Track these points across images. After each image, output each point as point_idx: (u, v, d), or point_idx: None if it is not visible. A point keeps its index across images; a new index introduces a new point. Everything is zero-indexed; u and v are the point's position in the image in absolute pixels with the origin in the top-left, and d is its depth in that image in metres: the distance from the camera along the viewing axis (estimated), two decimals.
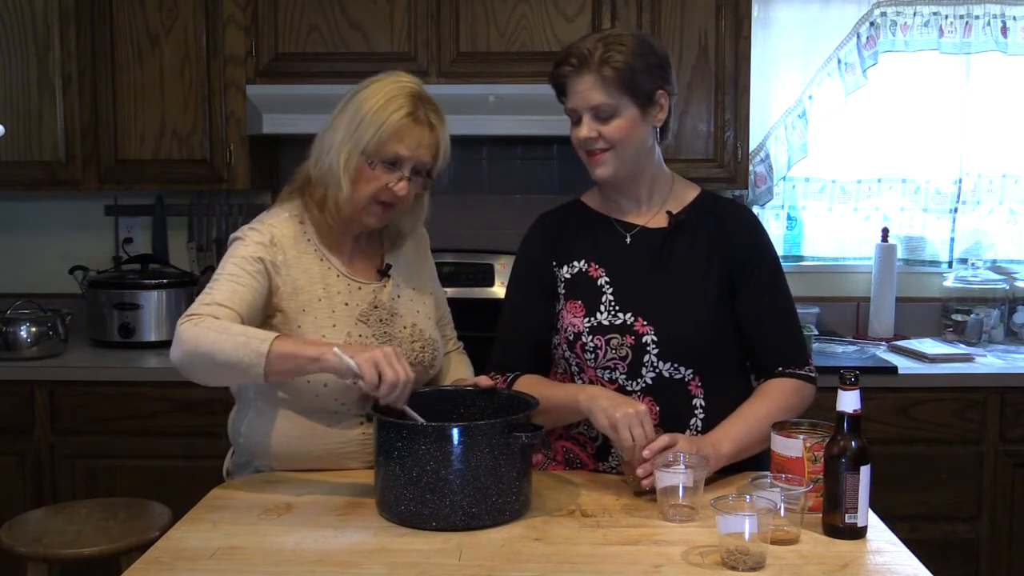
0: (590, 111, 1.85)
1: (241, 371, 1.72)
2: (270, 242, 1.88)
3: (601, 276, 1.93)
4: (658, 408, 1.86)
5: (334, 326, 1.89)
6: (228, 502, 1.77)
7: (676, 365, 1.87)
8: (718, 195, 2.04)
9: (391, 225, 1.99)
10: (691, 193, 1.99)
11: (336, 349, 1.67)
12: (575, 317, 1.91)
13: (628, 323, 1.88)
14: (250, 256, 1.86)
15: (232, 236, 1.93)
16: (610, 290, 1.91)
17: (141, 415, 3.01)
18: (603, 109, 1.83)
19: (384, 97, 1.83)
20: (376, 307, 1.94)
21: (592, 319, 1.89)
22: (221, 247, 3.57)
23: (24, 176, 3.26)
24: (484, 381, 1.86)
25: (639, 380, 1.87)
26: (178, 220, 3.60)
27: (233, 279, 1.83)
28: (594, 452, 1.93)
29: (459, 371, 2.10)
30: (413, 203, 1.94)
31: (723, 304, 1.91)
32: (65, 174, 3.25)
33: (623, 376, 1.87)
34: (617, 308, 1.89)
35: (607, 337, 1.88)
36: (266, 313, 1.88)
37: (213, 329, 1.73)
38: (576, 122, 1.88)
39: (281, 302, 1.88)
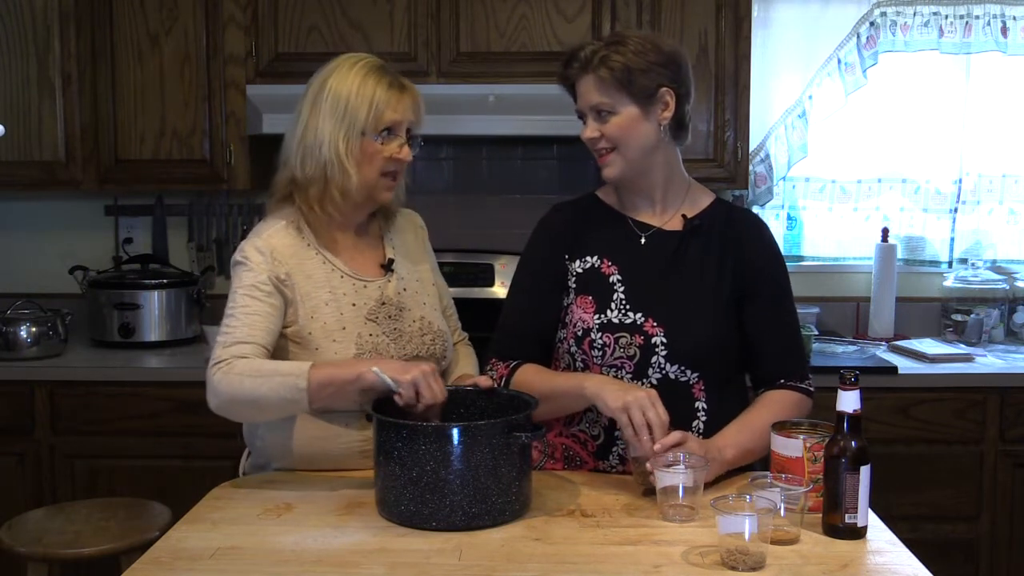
0: (591, 111, 1.89)
1: (286, 409, 1.80)
2: (271, 257, 1.89)
3: (614, 273, 1.93)
4: None
5: (343, 328, 1.89)
6: (228, 502, 1.77)
7: (683, 368, 1.87)
8: (732, 204, 2.07)
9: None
10: (706, 199, 2.01)
11: (375, 369, 1.73)
12: (585, 313, 1.91)
13: (638, 323, 1.88)
14: (257, 282, 1.87)
15: (233, 260, 1.93)
16: (621, 288, 1.91)
17: (141, 415, 3.01)
18: (602, 108, 1.87)
19: (358, 77, 1.89)
20: (384, 304, 1.95)
21: (602, 316, 1.90)
22: (221, 247, 3.57)
23: (24, 176, 3.26)
24: (484, 381, 1.86)
25: (644, 380, 1.87)
26: (178, 220, 3.60)
27: (247, 311, 1.84)
28: (595, 450, 1.93)
29: (466, 364, 2.11)
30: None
31: (731, 310, 1.92)
32: (65, 174, 3.25)
33: (628, 376, 1.88)
34: (628, 307, 1.90)
35: (616, 335, 1.88)
36: (283, 325, 1.90)
37: (245, 374, 1.77)
38: (583, 121, 1.93)
39: (293, 312, 1.89)
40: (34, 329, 3.14)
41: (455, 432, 1.61)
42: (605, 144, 1.88)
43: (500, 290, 3.37)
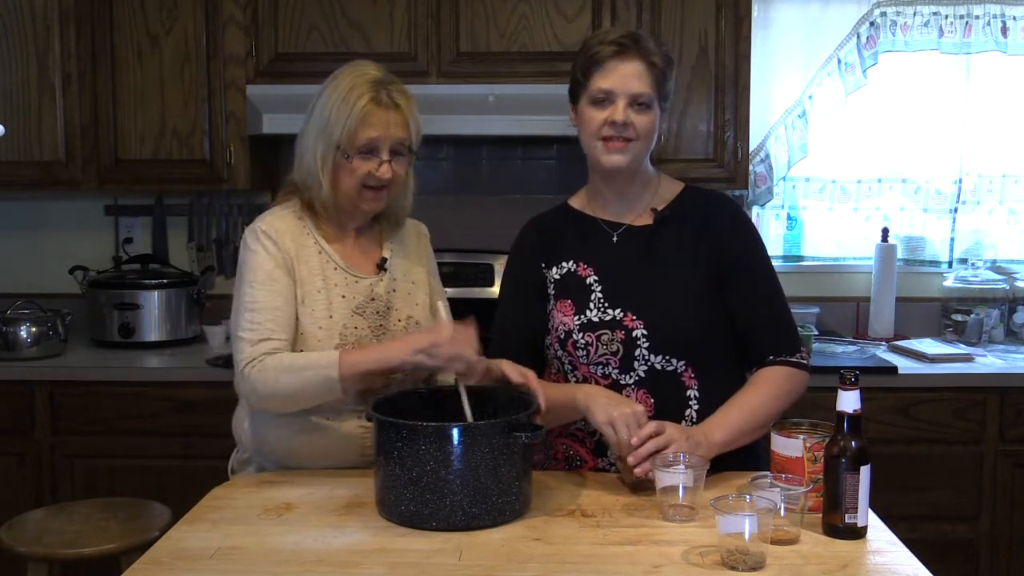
0: (629, 97, 1.85)
1: (321, 397, 1.84)
2: (277, 244, 1.91)
3: (590, 275, 1.94)
4: (653, 401, 1.88)
5: (331, 317, 1.91)
6: (228, 502, 1.77)
7: (667, 357, 1.88)
8: (703, 189, 2.04)
9: (386, 212, 2.02)
10: (675, 189, 2.01)
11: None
12: (565, 316, 1.93)
13: (618, 318, 1.89)
14: (272, 273, 1.89)
15: (242, 244, 1.95)
16: (599, 288, 1.93)
17: (141, 415, 3.01)
18: (642, 98, 1.86)
19: (345, 89, 1.87)
20: (373, 300, 1.96)
21: (582, 316, 1.91)
22: (221, 247, 3.57)
23: (24, 176, 3.26)
24: (517, 376, 1.84)
25: (632, 374, 1.88)
26: (178, 220, 3.60)
27: (269, 305, 1.87)
28: (593, 447, 1.94)
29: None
30: (402, 186, 1.97)
31: (711, 295, 1.92)
32: (65, 174, 3.25)
33: (616, 371, 1.89)
34: (606, 304, 1.91)
35: (597, 333, 1.89)
36: None
37: (280, 369, 1.81)
38: (602, 102, 1.87)
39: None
40: (34, 329, 3.14)
41: (455, 432, 1.61)
42: (630, 135, 1.86)
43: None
